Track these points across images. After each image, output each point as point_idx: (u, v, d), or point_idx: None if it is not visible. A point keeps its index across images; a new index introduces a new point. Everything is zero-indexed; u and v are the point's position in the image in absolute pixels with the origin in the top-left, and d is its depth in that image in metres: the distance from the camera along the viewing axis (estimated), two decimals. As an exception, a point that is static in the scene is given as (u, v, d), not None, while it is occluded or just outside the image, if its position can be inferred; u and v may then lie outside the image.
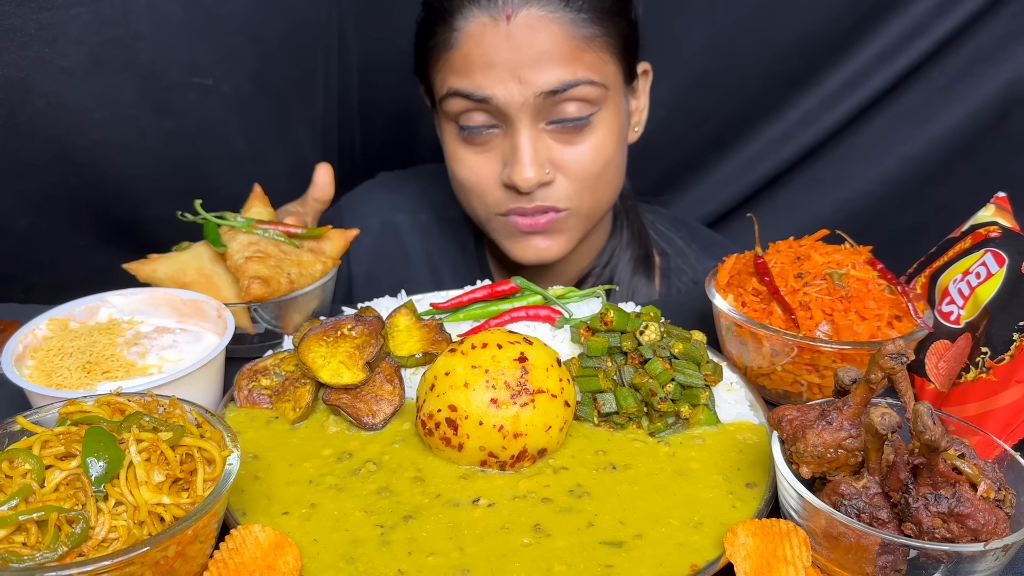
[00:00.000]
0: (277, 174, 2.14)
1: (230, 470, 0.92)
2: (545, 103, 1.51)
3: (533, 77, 1.48)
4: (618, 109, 1.62)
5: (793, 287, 1.27)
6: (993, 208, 1.38)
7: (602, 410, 1.17)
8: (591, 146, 1.57)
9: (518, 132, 1.52)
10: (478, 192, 1.62)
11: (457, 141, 1.61)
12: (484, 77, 1.49)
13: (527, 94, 1.49)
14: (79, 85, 1.84)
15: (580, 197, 1.61)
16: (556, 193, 1.59)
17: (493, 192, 1.61)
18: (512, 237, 1.67)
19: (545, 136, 1.55)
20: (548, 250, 1.66)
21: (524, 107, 1.50)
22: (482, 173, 1.59)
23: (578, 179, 1.59)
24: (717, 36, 2.18)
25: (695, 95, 2.26)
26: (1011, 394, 1.13)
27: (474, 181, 1.61)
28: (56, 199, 1.95)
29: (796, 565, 0.89)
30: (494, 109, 1.52)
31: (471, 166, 1.60)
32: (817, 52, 2.18)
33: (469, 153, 1.60)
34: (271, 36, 2.03)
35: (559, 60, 1.49)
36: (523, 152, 1.52)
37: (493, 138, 1.57)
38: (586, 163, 1.58)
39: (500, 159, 1.57)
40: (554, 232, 1.64)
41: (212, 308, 1.32)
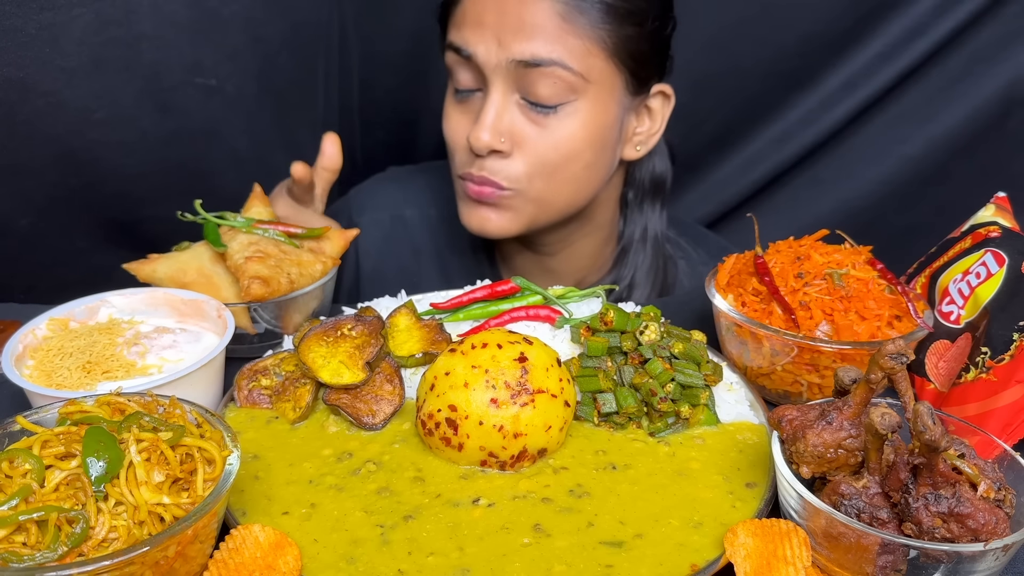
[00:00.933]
0: (278, 174, 2.14)
1: (230, 470, 0.92)
2: (519, 73, 1.53)
3: (511, 43, 1.51)
4: (602, 109, 1.60)
5: (793, 287, 1.27)
6: (993, 208, 1.38)
7: (602, 410, 1.17)
8: (555, 132, 1.57)
9: (489, 95, 1.56)
10: (454, 150, 1.66)
11: (450, 99, 1.66)
12: (471, 33, 1.54)
13: (502, 57, 1.52)
14: (80, 85, 1.84)
15: (530, 181, 1.60)
16: (506, 170, 1.59)
17: (459, 152, 1.64)
18: (463, 201, 1.69)
19: (515, 108, 1.57)
20: (490, 222, 1.65)
21: (498, 70, 1.53)
22: (459, 130, 1.63)
23: (533, 161, 1.58)
24: (717, 36, 2.18)
25: (695, 95, 2.25)
26: (1011, 394, 1.13)
27: (453, 139, 1.65)
28: (56, 199, 1.94)
29: (796, 565, 0.89)
30: (475, 68, 1.56)
31: (453, 122, 1.64)
32: (817, 52, 2.18)
33: (455, 111, 1.64)
34: (272, 36, 2.03)
35: (540, 34, 1.51)
36: (486, 113, 1.55)
37: (474, 99, 1.61)
38: (545, 147, 1.57)
39: (473, 119, 1.60)
40: (500, 207, 1.64)
41: (212, 308, 1.32)
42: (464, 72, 1.58)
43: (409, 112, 2.32)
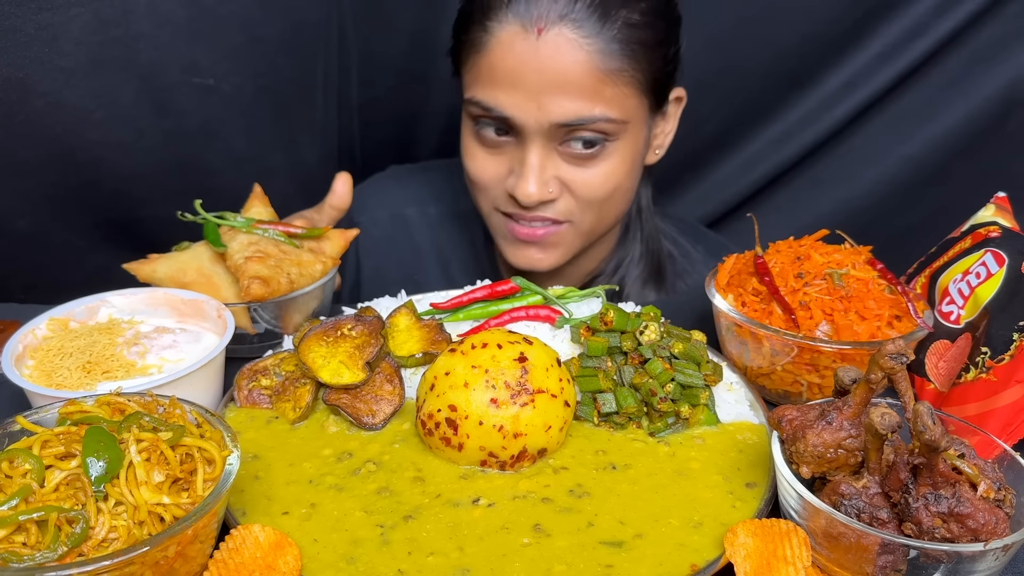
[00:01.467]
0: (277, 174, 2.14)
1: (230, 470, 0.92)
2: (560, 130, 1.52)
3: (551, 106, 1.48)
4: (636, 138, 1.62)
5: (793, 287, 1.27)
6: (993, 208, 1.38)
7: (602, 410, 1.17)
8: (600, 172, 1.59)
9: (529, 149, 1.54)
10: (484, 188, 1.66)
11: (472, 138, 1.64)
12: (506, 96, 1.50)
13: (543, 121, 1.50)
14: (79, 85, 1.84)
15: (582, 215, 1.63)
16: (558, 207, 1.61)
17: (496, 191, 1.64)
18: (507, 240, 1.69)
19: (556, 156, 1.57)
20: (541, 261, 1.68)
21: (539, 130, 1.52)
22: (489, 172, 1.62)
23: (583, 200, 1.61)
24: (717, 36, 2.18)
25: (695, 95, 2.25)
26: (1011, 394, 1.13)
27: (481, 178, 1.64)
28: (56, 199, 1.94)
29: (796, 565, 0.89)
30: (510, 124, 1.54)
31: (480, 164, 1.63)
32: (817, 52, 2.18)
33: (481, 151, 1.63)
34: (271, 36, 2.02)
35: (578, 92, 1.48)
36: (529, 168, 1.54)
37: (505, 144, 1.59)
38: (594, 187, 1.60)
39: (508, 165, 1.60)
40: (549, 245, 1.66)
41: (212, 308, 1.32)
42: (493, 123, 1.56)
43: (409, 111, 2.32)
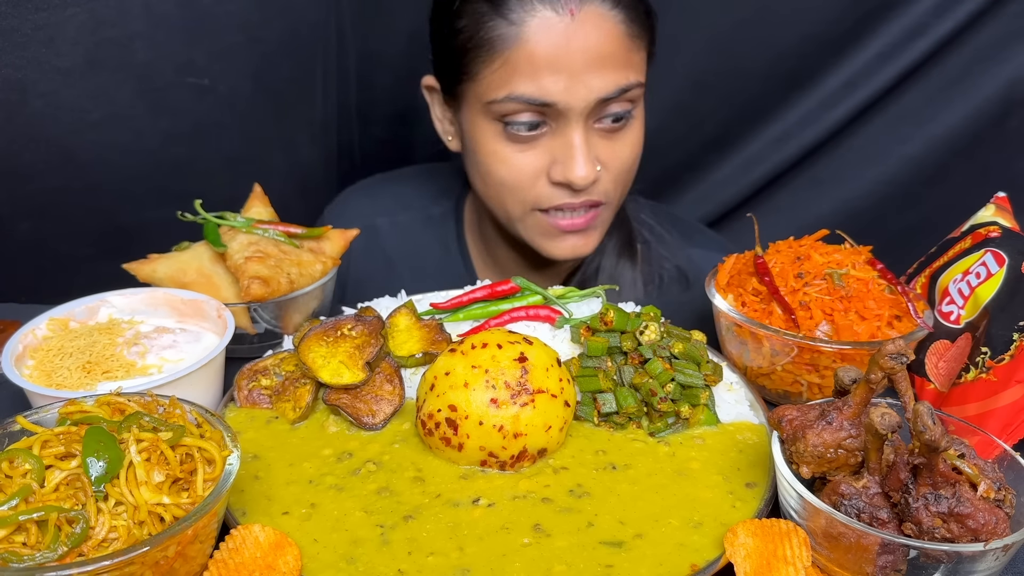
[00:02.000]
0: (276, 174, 2.14)
1: (230, 470, 0.91)
2: (599, 106, 1.53)
3: (594, 82, 1.49)
4: (643, 105, 1.65)
5: (793, 287, 1.27)
6: (993, 208, 1.38)
7: (602, 410, 1.17)
8: (630, 142, 1.62)
9: (572, 131, 1.54)
10: (518, 189, 1.62)
11: (500, 140, 1.59)
12: (552, 82, 1.49)
13: (589, 99, 1.50)
14: (76, 85, 1.84)
15: (616, 191, 1.65)
16: (600, 187, 1.61)
17: (536, 188, 1.61)
18: (547, 235, 1.68)
19: (593, 134, 1.57)
20: (584, 247, 1.69)
21: (583, 110, 1.52)
22: (526, 170, 1.59)
23: (617, 174, 1.62)
24: (717, 36, 2.18)
25: (695, 95, 2.27)
26: (1011, 394, 1.13)
27: (516, 178, 1.61)
28: (57, 202, 1.95)
29: (796, 565, 0.89)
30: (551, 112, 1.53)
31: (514, 164, 1.59)
32: (817, 52, 2.18)
33: (513, 151, 1.59)
34: (269, 36, 2.03)
35: (615, 63, 1.51)
36: (578, 151, 1.53)
37: (541, 136, 1.57)
38: (626, 159, 1.62)
39: (547, 156, 1.58)
40: (590, 229, 1.67)
41: (212, 308, 1.32)
42: (528, 115, 1.54)
43: (407, 110, 2.32)
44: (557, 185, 1.59)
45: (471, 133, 1.64)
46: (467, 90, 1.60)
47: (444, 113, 1.74)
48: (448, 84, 1.66)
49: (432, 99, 1.76)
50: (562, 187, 1.58)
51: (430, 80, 1.73)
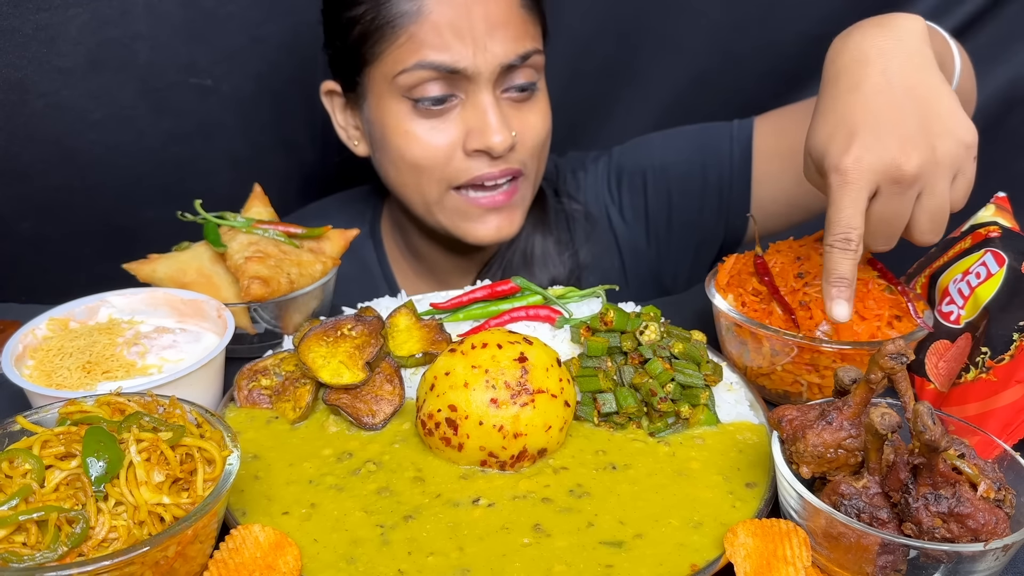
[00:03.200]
0: (277, 174, 2.14)
1: (230, 470, 0.92)
2: (503, 74, 1.56)
3: (497, 48, 1.53)
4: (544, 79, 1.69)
5: (793, 287, 1.27)
6: (993, 208, 1.38)
7: (602, 410, 1.17)
8: (539, 112, 1.65)
9: (483, 98, 1.56)
10: (434, 167, 1.61)
11: (410, 118, 1.59)
12: (457, 49, 1.52)
13: (493, 64, 1.53)
14: (77, 85, 1.84)
15: (533, 162, 1.67)
16: (517, 156, 1.63)
17: (453, 163, 1.60)
18: (467, 217, 1.66)
19: (502, 104, 1.59)
20: (508, 227, 1.68)
21: (488, 77, 1.55)
22: (441, 145, 1.59)
23: (531, 144, 1.64)
24: (717, 36, 2.18)
25: (695, 95, 2.26)
26: (1011, 394, 1.13)
27: (431, 155, 1.60)
28: (58, 201, 1.95)
29: (796, 565, 0.89)
30: (459, 79, 1.55)
31: (427, 140, 1.59)
32: (817, 52, 2.17)
33: (425, 128, 1.59)
34: (271, 37, 2.03)
35: (515, 30, 1.55)
36: (492, 117, 1.56)
37: (451, 109, 1.58)
38: (538, 128, 1.65)
39: (461, 128, 1.58)
40: (510, 207, 1.68)
41: (212, 308, 1.32)
42: (435, 86, 1.55)
43: None
44: (474, 155, 1.59)
45: (379, 120, 1.64)
46: (370, 76, 1.61)
47: (347, 119, 1.75)
48: (349, 79, 1.67)
49: (333, 105, 1.76)
50: (479, 156, 1.59)
51: (330, 84, 1.73)
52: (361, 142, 1.75)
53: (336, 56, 1.68)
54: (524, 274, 1.83)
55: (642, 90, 2.28)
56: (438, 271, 1.92)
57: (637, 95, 2.29)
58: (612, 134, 2.31)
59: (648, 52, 2.21)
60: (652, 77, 2.23)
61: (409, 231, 1.88)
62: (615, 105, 2.29)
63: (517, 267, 1.85)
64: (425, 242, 1.87)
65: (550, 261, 1.85)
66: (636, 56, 2.22)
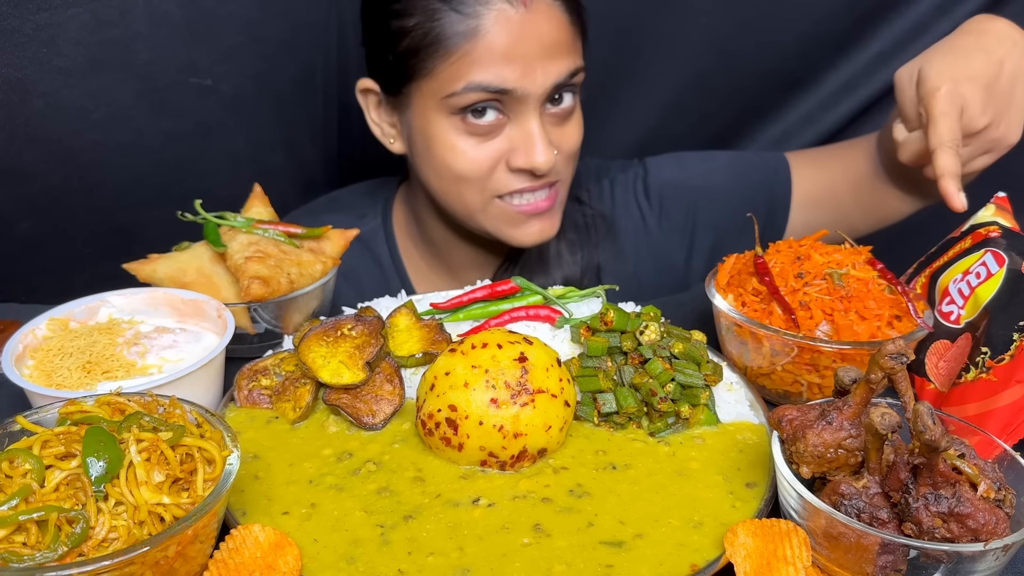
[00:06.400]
0: (277, 174, 2.14)
1: (230, 470, 0.92)
2: (551, 92, 1.59)
3: (549, 68, 1.56)
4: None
5: (793, 287, 1.27)
6: (993, 208, 1.38)
7: (602, 410, 1.17)
8: (575, 125, 1.70)
9: (529, 119, 1.59)
10: (478, 179, 1.65)
11: (459, 134, 1.62)
12: (510, 71, 1.54)
13: (545, 85, 1.56)
14: (77, 85, 1.84)
15: (567, 171, 1.73)
16: (554, 169, 1.67)
17: (495, 176, 1.65)
18: (512, 222, 1.71)
19: (545, 120, 1.62)
20: (550, 229, 1.74)
21: (538, 98, 1.57)
22: (485, 161, 1.63)
23: (568, 156, 1.71)
24: (717, 36, 2.18)
25: (695, 95, 2.26)
26: (1011, 394, 1.13)
27: (476, 169, 1.64)
28: (58, 202, 1.95)
29: (796, 565, 0.89)
30: (508, 99, 1.57)
31: (474, 155, 1.63)
32: (817, 52, 2.18)
33: (471, 143, 1.62)
34: (270, 36, 2.03)
35: (564, 50, 1.58)
36: (537, 138, 1.60)
37: (498, 127, 1.61)
38: (574, 141, 1.70)
39: (506, 145, 1.62)
40: (551, 212, 1.73)
41: (212, 308, 1.32)
42: (484, 105, 1.57)
43: None
44: (516, 172, 1.64)
45: (424, 131, 1.65)
46: (418, 88, 1.61)
47: (382, 116, 1.76)
48: (393, 85, 1.67)
49: (368, 102, 1.76)
50: (522, 173, 1.64)
51: (367, 83, 1.73)
52: (397, 140, 1.76)
53: (378, 60, 1.69)
54: (540, 273, 1.87)
55: (642, 90, 2.28)
56: (453, 264, 1.93)
57: (637, 95, 2.29)
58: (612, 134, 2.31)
59: (648, 52, 2.21)
60: (652, 77, 2.22)
61: (427, 223, 1.88)
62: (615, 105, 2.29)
63: (534, 265, 1.88)
64: (445, 234, 1.88)
65: (564, 262, 1.90)
66: (636, 56, 2.22)
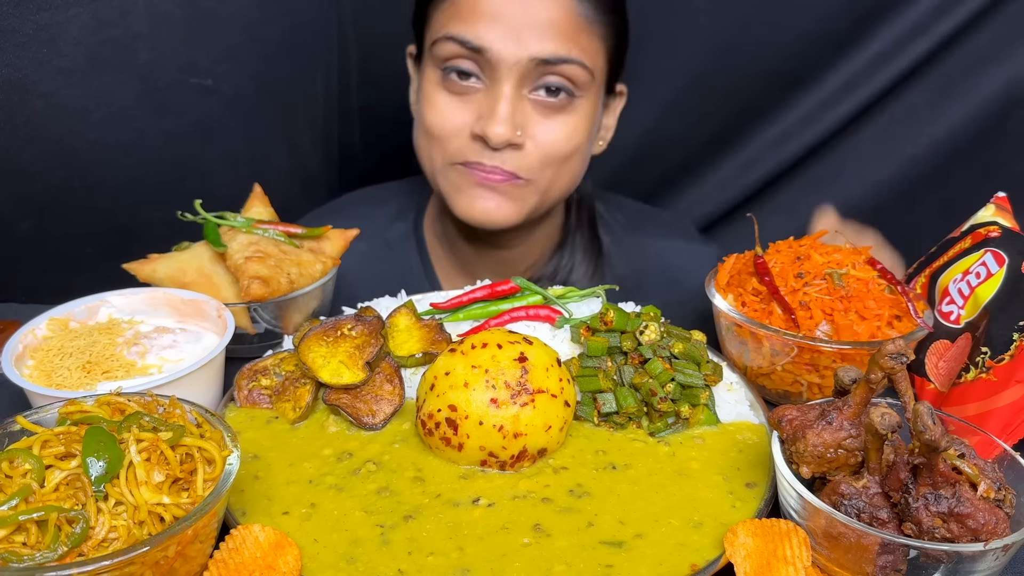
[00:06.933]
0: (277, 174, 2.14)
1: (230, 470, 0.92)
2: (535, 70, 1.54)
3: (531, 41, 1.51)
4: (595, 105, 1.66)
5: (793, 287, 1.27)
6: (993, 208, 1.38)
7: (602, 410, 1.17)
8: (565, 126, 1.61)
9: (500, 89, 1.55)
10: (442, 138, 1.62)
11: (437, 86, 1.61)
12: (486, 28, 1.51)
13: (521, 55, 1.52)
14: (78, 85, 1.84)
15: (543, 171, 1.63)
16: (521, 161, 1.60)
17: (458, 140, 1.61)
18: (462, 190, 1.65)
19: (526, 103, 1.58)
20: (496, 211, 1.65)
21: (515, 67, 1.53)
22: (453, 120, 1.60)
23: (546, 153, 1.61)
24: (717, 36, 2.18)
25: (695, 95, 2.26)
26: (1011, 394, 1.13)
27: (442, 126, 1.61)
28: (58, 202, 1.95)
29: (796, 565, 0.89)
30: (484, 61, 1.54)
31: (443, 111, 1.61)
32: (817, 52, 2.18)
33: (445, 99, 1.60)
34: (271, 36, 2.03)
35: (558, 31, 1.53)
36: (500, 108, 1.54)
37: (474, 90, 1.59)
38: (559, 140, 1.60)
39: (475, 111, 1.58)
40: (507, 195, 1.64)
41: (212, 308, 1.32)
42: (464, 62, 1.56)
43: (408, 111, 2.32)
44: (475, 140, 1.59)
45: (421, 85, 1.66)
46: (424, 40, 1.63)
47: (415, 80, 1.76)
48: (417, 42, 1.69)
49: (412, 68, 1.77)
50: (478, 142, 1.59)
51: (411, 48, 1.75)
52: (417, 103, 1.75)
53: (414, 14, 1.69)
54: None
55: (642, 90, 2.28)
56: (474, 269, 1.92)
57: (637, 95, 2.28)
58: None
59: (648, 52, 2.21)
60: (652, 77, 2.22)
61: (447, 221, 1.88)
62: (615, 105, 2.29)
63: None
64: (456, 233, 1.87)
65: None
66: (636, 56, 2.22)
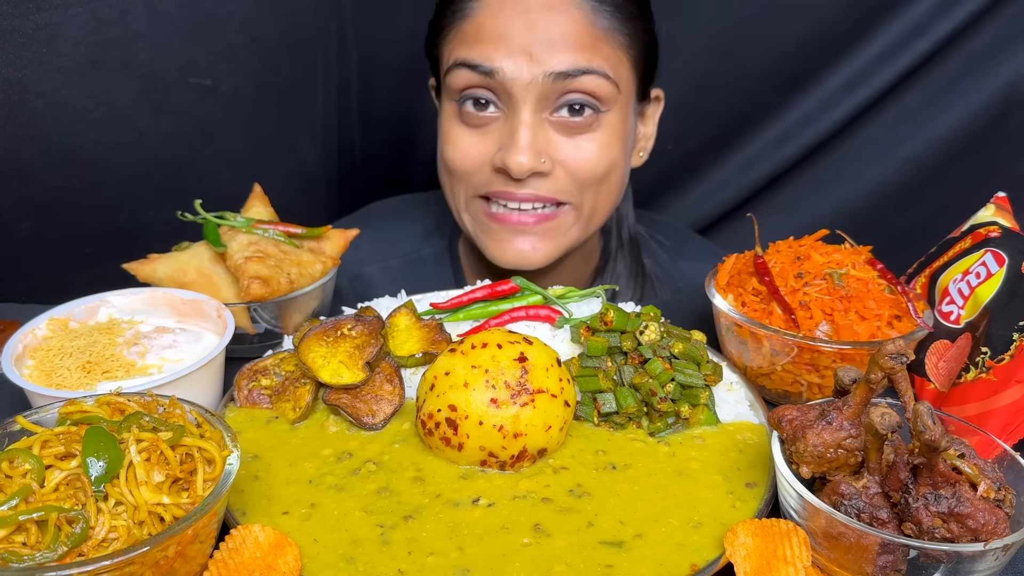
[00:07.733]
0: (277, 174, 2.15)
1: (230, 470, 0.92)
2: (553, 88, 1.45)
3: (546, 56, 1.43)
4: (626, 118, 1.56)
5: (793, 287, 1.27)
6: (993, 208, 1.38)
7: (602, 410, 1.17)
8: (595, 145, 1.51)
9: (519, 116, 1.47)
10: (464, 174, 1.56)
11: (454, 119, 1.55)
12: (494, 49, 1.44)
13: (536, 72, 1.43)
14: (77, 85, 1.84)
15: (583, 194, 1.55)
16: (555, 185, 1.52)
17: (480, 174, 1.54)
18: (488, 232, 1.58)
19: (547, 127, 1.50)
20: (531, 254, 1.57)
21: (531, 87, 1.44)
22: (472, 154, 1.53)
23: (581, 175, 1.52)
24: (717, 36, 2.18)
25: (695, 95, 2.26)
26: (1011, 394, 1.13)
27: (462, 162, 1.55)
28: (58, 202, 1.95)
29: (796, 565, 0.89)
30: (498, 85, 1.46)
31: (463, 146, 1.54)
32: (817, 52, 2.18)
33: (464, 134, 1.54)
34: (270, 37, 2.03)
35: (575, 44, 1.44)
36: (520, 136, 1.46)
37: (492, 121, 1.51)
38: (590, 160, 1.52)
39: (496, 142, 1.51)
40: (540, 233, 1.56)
41: (212, 308, 1.32)
42: (478, 90, 1.49)
43: (408, 111, 2.33)
44: (497, 172, 1.52)
45: (440, 120, 1.61)
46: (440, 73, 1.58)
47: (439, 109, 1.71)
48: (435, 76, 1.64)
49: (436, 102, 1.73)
50: (501, 174, 1.51)
51: (432, 80, 1.71)
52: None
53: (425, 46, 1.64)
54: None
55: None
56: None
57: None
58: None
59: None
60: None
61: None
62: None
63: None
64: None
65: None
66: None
